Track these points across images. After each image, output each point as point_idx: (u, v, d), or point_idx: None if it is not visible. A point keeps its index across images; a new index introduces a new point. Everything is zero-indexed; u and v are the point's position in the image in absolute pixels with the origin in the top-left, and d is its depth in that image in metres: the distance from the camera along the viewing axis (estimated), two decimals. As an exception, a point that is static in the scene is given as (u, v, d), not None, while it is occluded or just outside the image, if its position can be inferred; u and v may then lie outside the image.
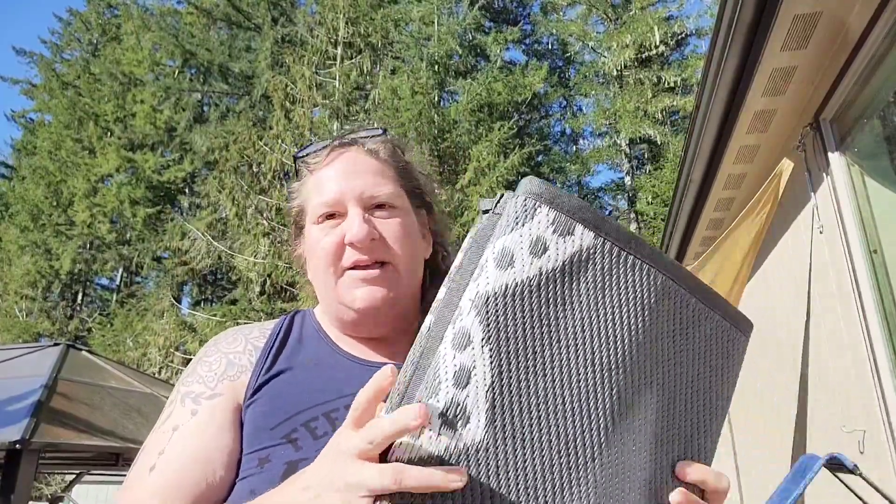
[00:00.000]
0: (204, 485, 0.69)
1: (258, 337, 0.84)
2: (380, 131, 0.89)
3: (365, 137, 0.88)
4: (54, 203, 20.07)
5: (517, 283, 0.48)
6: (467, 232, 0.52)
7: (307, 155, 0.88)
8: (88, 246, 20.19)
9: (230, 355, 0.81)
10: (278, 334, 0.84)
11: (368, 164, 0.85)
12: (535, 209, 0.50)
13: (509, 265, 0.49)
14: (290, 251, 0.95)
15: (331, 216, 0.82)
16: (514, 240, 0.49)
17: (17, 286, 19.10)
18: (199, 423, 0.73)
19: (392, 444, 0.46)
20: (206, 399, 0.75)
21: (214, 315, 14.54)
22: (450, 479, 0.44)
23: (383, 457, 0.47)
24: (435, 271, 0.95)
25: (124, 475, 0.75)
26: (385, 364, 0.81)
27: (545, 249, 0.50)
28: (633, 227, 17.76)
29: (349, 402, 0.74)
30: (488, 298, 0.48)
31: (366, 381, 0.78)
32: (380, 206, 0.82)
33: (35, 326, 18.60)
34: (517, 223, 0.50)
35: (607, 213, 20.43)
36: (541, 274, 0.49)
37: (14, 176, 22.31)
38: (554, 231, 0.50)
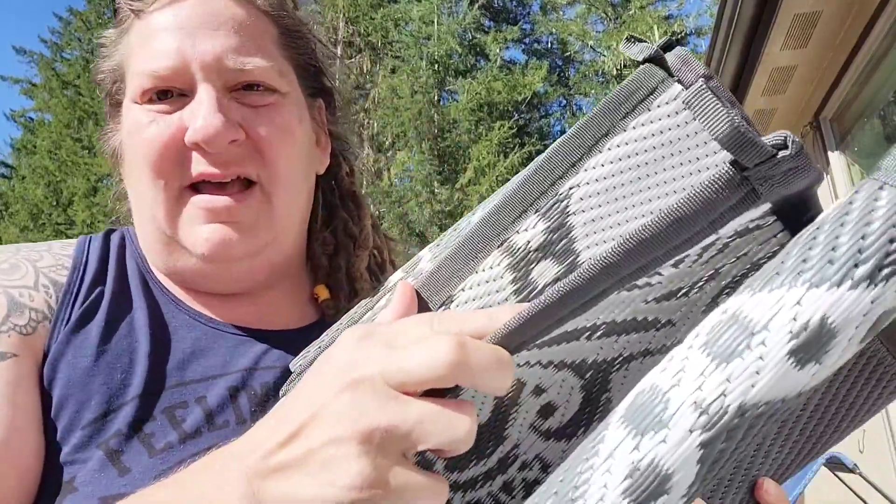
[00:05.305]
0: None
1: (53, 267, 0.51)
2: None
3: None
4: (54, 203, 20.06)
5: None
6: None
7: None
8: (88, 245, 20.25)
9: (12, 291, 0.48)
10: (85, 267, 0.53)
11: (235, 15, 0.51)
12: None
13: None
14: (101, 142, 0.59)
15: (164, 93, 0.50)
16: None
17: (17, 286, 19.14)
18: None
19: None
20: None
21: (214, 314, 14.56)
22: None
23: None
24: (330, 192, 0.64)
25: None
26: (246, 331, 0.54)
27: None
28: (633, 226, 17.82)
29: (201, 393, 0.48)
30: None
31: (226, 357, 0.51)
32: (249, 87, 0.51)
33: (35, 326, 18.64)
34: None
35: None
36: None
37: (14, 175, 22.32)
38: None
